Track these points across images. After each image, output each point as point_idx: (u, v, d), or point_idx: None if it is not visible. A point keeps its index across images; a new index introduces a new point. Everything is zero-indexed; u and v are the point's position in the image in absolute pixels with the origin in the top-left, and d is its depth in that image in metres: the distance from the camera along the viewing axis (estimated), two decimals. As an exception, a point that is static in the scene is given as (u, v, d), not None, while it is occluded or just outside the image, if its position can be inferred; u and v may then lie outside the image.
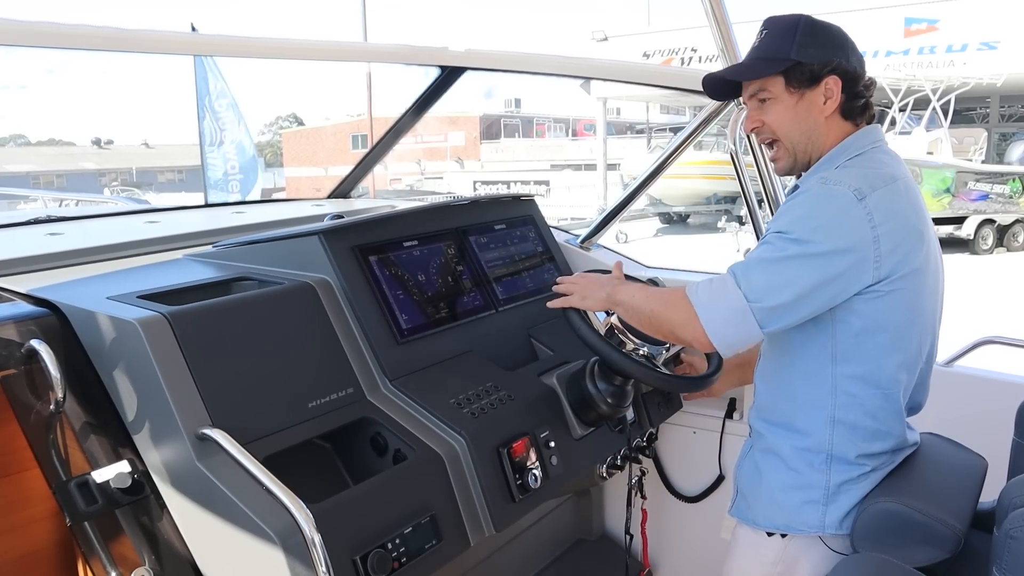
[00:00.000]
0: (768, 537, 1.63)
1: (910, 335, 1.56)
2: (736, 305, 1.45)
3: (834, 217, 1.46)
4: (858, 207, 1.45)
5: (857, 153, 1.58)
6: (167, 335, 1.46)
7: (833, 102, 1.57)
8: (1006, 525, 1.25)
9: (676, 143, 2.52)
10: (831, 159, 1.59)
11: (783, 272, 1.45)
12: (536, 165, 30.59)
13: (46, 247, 2.03)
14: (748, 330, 1.46)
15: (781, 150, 1.63)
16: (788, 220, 1.49)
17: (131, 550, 1.45)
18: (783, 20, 1.60)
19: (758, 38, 1.62)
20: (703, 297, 1.49)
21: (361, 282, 1.81)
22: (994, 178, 15.78)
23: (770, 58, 1.58)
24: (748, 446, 1.74)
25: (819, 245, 1.44)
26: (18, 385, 1.46)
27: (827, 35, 1.58)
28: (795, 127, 1.60)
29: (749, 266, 1.48)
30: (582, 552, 2.52)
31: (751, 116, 1.64)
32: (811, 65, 1.55)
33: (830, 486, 1.57)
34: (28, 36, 1.80)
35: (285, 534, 1.31)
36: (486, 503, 1.64)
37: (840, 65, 1.56)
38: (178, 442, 1.41)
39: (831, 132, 1.60)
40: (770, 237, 1.50)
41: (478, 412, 1.72)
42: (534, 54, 2.67)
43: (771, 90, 1.59)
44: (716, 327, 1.47)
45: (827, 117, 1.58)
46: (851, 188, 1.47)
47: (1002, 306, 9.53)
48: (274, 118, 60.30)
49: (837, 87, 1.56)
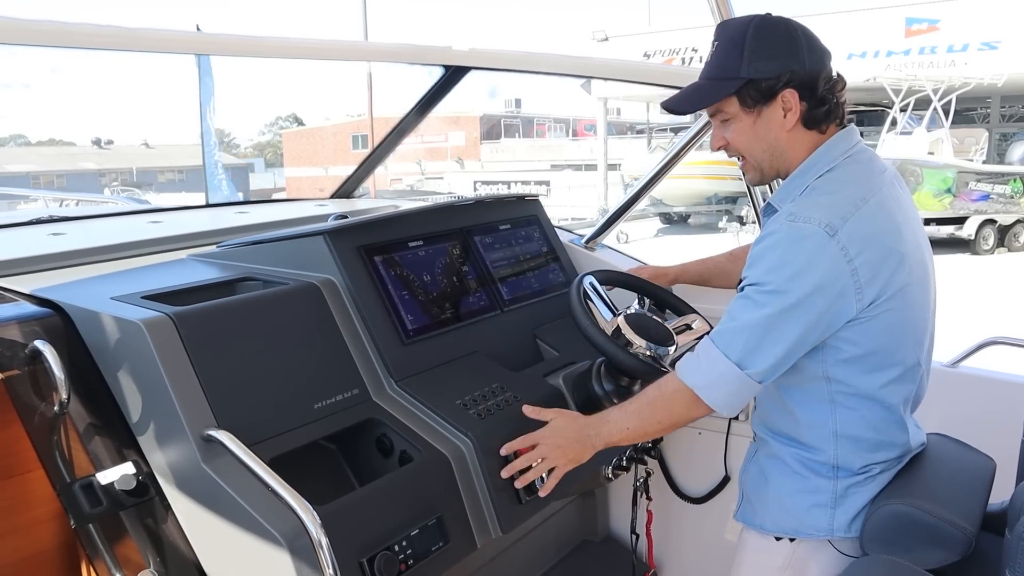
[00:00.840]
0: (776, 541, 1.61)
1: (903, 350, 1.53)
2: (731, 376, 1.44)
3: (808, 260, 1.41)
4: (831, 244, 1.40)
5: (829, 167, 1.52)
6: (172, 336, 1.45)
7: (793, 114, 1.50)
8: (1019, 527, 1.24)
9: (680, 144, 2.51)
10: (802, 174, 1.54)
11: (769, 332, 1.42)
12: (536, 165, 30.59)
13: (49, 247, 2.02)
14: (749, 391, 1.46)
15: (748, 165, 1.60)
16: (762, 270, 1.44)
17: (136, 552, 1.44)
18: (731, 28, 1.53)
19: (711, 50, 1.55)
20: (699, 379, 1.47)
21: (366, 282, 1.80)
22: (995, 178, 15.77)
23: (720, 78, 1.52)
24: (753, 450, 1.73)
25: (797, 293, 1.40)
26: (22, 386, 1.45)
27: (778, 42, 1.49)
28: (756, 145, 1.55)
29: (734, 333, 1.44)
30: (587, 553, 2.51)
31: (715, 135, 1.60)
32: (763, 81, 1.48)
33: (837, 490, 1.55)
34: (32, 35, 1.79)
35: (292, 536, 1.30)
36: (492, 505, 1.63)
37: (795, 75, 1.48)
38: (183, 443, 1.41)
39: (795, 144, 1.54)
40: (748, 291, 1.45)
41: (484, 413, 1.72)
42: (538, 53, 2.66)
43: (727, 110, 1.54)
44: (720, 401, 1.47)
45: (789, 131, 1.52)
46: (821, 225, 1.41)
47: (1003, 306, 9.53)
48: (274, 118, 60.37)
49: (794, 99, 1.49)
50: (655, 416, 1.55)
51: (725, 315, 1.48)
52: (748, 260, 1.49)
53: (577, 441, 1.60)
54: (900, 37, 17.93)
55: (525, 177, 26.97)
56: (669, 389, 1.52)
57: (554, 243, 2.43)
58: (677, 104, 1.59)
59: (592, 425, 1.61)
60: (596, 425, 1.60)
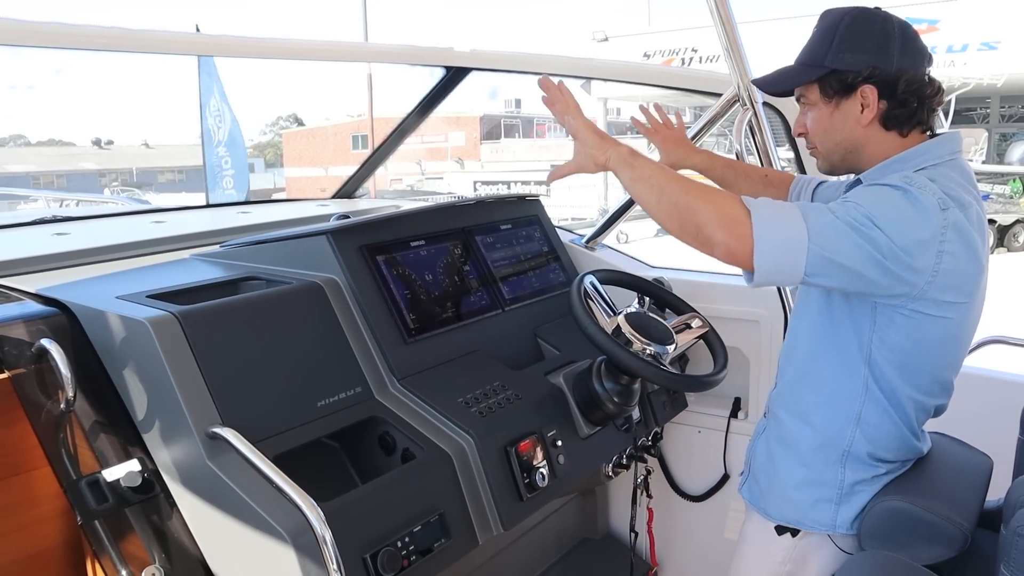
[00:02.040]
0: (778, 536, 1.63)
1: (946, 368, 1.53)
2: (796, 237, 1.31)
3: (910, 217, 1.35)
4: (936, 217, 1.36)
5: (933, 163, 1.47)
6: (177, 334, 1.46)
7: (870, 111, 1.48)
8: (1013, 523, 1.25)
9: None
10: (901, 161, 1.48)
11: (851, 238, 1.32)
12: (536, 165, 30.57)
13: (53, 247, 2.03)
14: (793, 266, 1.33)
15: (818, 153, 1.59)
16: (871, 203, 1.35)
17: (141, 548, 1.46)
18: (831, 16, 1.51)
19: (812, 32, 1.54)
20: (764, 211, 1.33)
21: (369, 282, 1.81)
22: (994, 178, 15.79)
23: (807, 64, 1.52)
24: (763, 426, 1.73)
25: (887, 236, 1.33)
26: (28, 384, 1.46)
27: (868, 36, 1.47)
28: (830, 137, 1.54)
29: (822, 211, 1.35)
30: (587, 551, 2.53)
31: (799, 120, 1.59)
32: (845, 73, 1.47)
33: (844, 485, 1.56)
34: (34, 36, 1.80)
35: (296, 532, 1.32)
36: (494, 502, 1.64)
37: (878, 72, 1.45)
38: (188, 441, 1.42)
39: (871, 141, 1.51)
40: (852, 204, 1.36)
41: (485, 411, 1.73)
42: (539, 54, 2.68)
43: (808, 97, 1.54)
44: (765, 247, 1.32)
45: (865, 127, 1.50)
46: (935, 196, 1.37)
47: (1003, 306, 9.54)
48: (274, 118, 60.39)
49: (874, 96, 1.47)
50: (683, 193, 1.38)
51: None
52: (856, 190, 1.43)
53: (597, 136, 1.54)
54: (900, 37, 17.91)
55: (525, 177, 26.93)
56: (724, 195, 1.38)
57: (555, 243, 2.44)
58: (767, 84, 1.60)
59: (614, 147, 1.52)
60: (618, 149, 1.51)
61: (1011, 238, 15.60)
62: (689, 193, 1.38)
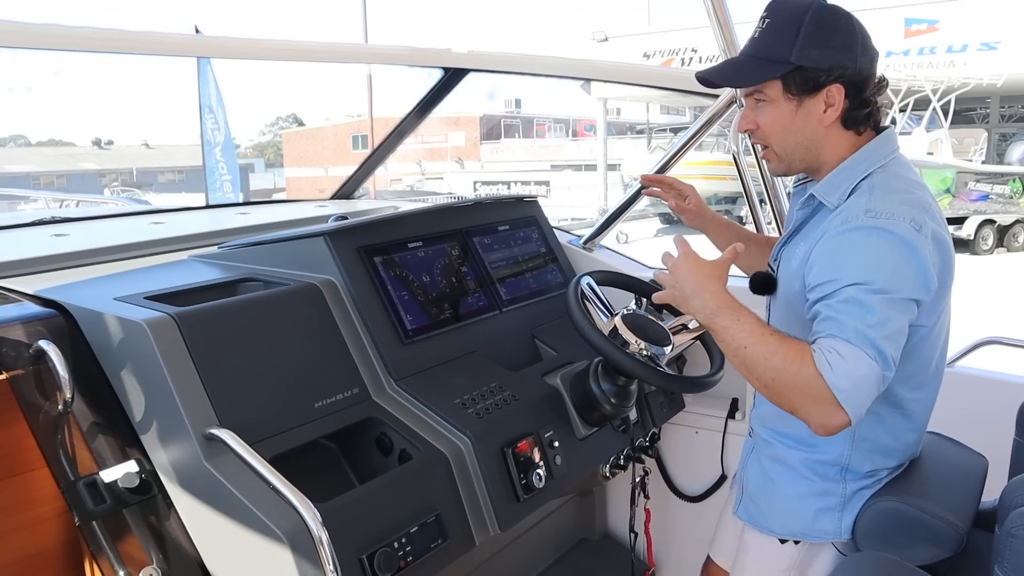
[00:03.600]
0: (781, 544, 1.62)
1: (936, 361, 1.53)
2: (874, 380, 1.30)
3: (904, 256, 1.35)
4: (920, 240, 1.36)
5: (879, 165, 1.46)
6: (174, 336, 1.47)
7: (835, 111, 1.44)
8: (1007, 524, 1.26)
9: (679, 145, 2.53)
10: (848, 169, 1.47)
11: (893, 328, 1.33)
12: (536, 165, 30.60)
13: (52, 248, 2.03)
14: (875, 394, 1.32)
15: (772, 154, 1.53)
16: (861, 269, 1.34)
17: (139, 549, 1.46)
18: (789, 8, 1.45)
19: (759, 27, 1.47)
20: (844, 383, 1.28)
21: (366, 283, 1.82)
22: (994, 178, 15.79)
23: (767, 59, 1.44)
24: (750, 446, 1.73)
25: (902, 290, 1.34)
26: (26, 385, 1.47)
27: (835, 33, 1.42)
28: (789, 136, 1.48)
29: (872, 336, 1.30)
30: (585, 551, 2.53)
31: (746, 116, 1.52)
32: (813, 71, 1.41)
33: (847, 493, 1.56)
34: (32, 38, 1.81)
35: (293, 533, 1.32)
36: (491, 502, 1.65)
37: (846, 72, 1.42)
38: (186, 442, 1.42)
39: (830, 142, 1.48)
40: (852, 292, 1.33)
41: (483, 412, 1.73)
42: (537, 55, 2.68)
43: (767, 93, 1.47)
44: (855, 409, 1.30)
45: (827, 127, 1.46)
46: (907, 220, 1.36)
47: (1002, 306, 9.54)
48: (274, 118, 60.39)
49: (840, 95, 1.43)
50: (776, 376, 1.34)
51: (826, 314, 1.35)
52: (824, 259, 1.39)
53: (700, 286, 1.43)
54: (899, 37, 17.93)
55: (525, 177, 26.98)
56: (808, 374, 1.31)
57: (552, 244, 2.45)
58: (716, 76, 1.52)
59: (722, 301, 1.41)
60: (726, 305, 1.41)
61: (1011, 238, 15.60)
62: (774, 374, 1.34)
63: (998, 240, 15.40)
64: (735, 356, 1.40)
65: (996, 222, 15.35)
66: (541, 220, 2.46)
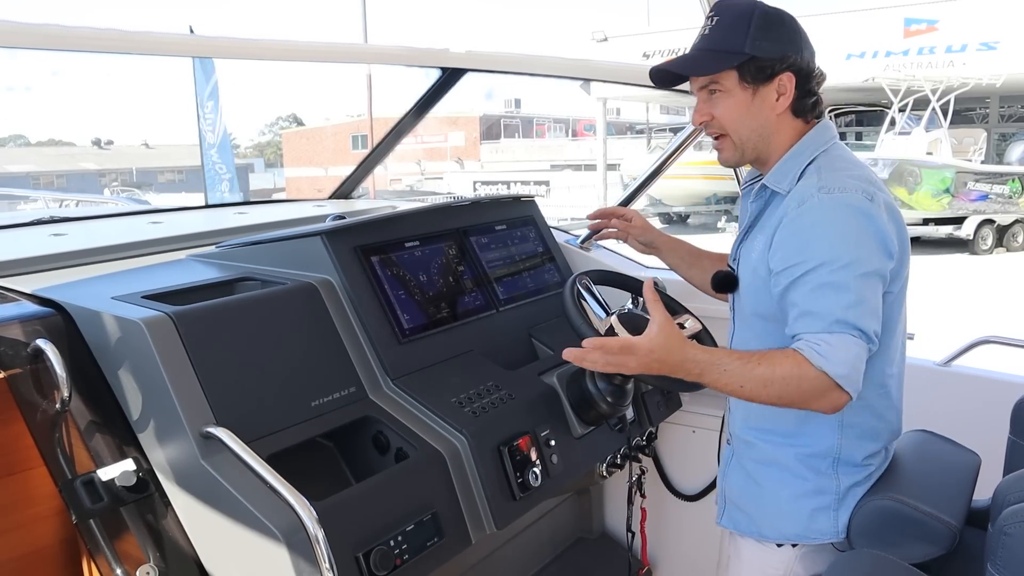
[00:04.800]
0: (777, 548, 1.61)
1: (901, 333, 1.58)
2: (863, 356, 1.39)
3: (862, 226, 1.42)
4: (874, 208, 1.44)
5: (823, 150, 1.55)
6: (172, 335, 1.47)
7: (786, 99, 1.53)
8: (1000, 522, 1.26)
9: (676, 144, 2.53)
10: (794, 156, 1.55)
11: (868, 300, 1.40)
12: (536, 165, 30.62)
13: (50, 247, 2.04)
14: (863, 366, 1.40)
15: (727, 143, 1.58)
16: (825, 248, 1.40)
17: (136, 547, 1.47)
18: (735, 7, 1.53)
19: (707, 24, 1.55)
20: (842, 369, 1.36)
21: (363, 282, 1.82)
22: (993, 178, 15.80)
23: (722, 51, 1.51)
24: (730, 454, 1.72)
25: (868, 259, 1.41)
26: (24, 384, 1.47)
27: (782, 28, 1.52)
28: (745, 123, 1.55)
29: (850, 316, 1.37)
30: (582, 550, 2.54)
31: (700, 109, 1.58)
32: (766, 60, 1.50)
33: (841, 490, 1.56)
34: (30, 38, 1.81)
35: (289, 531, 1.33)
36: (487, 501, 1.65)
37: (795, 61, 1.51)
38: (183, 440, 1.43)
39: (781, 129, 1.56)
40: (820, 274, 1.39)
41: (479, 411, 1.74)
42: (534, 55, 2.69)
43: (723, 84, 1.53)
44: (854, 387, 1.38)
45: (778, 115, 1.54)
46: (859, 191, 1.44)
47: (1001, 306, 9.55)
48: (274, 118, 60.40)
49: (791, 84, 1.52)
50: (781, 393, 1.39)
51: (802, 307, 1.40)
52: (787, 242, 1.45)
53: (678, 366, 1.43)
54: (899, 37, 17.94)
55: (525, 177, 27.00)
56: (810, 375, 1.36)
57: (549, 243, 2.45)
58: (675, 67, 1.57)
59: (702, 363, 1.42)
60: (706, 365, 1.42)
61: (1010, 238, 15.62)
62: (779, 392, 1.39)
63: (997, 240, 15.42)
64: (738, 395, 1.45)
65: (995, 222, 15.37)
66: (538, 219, 2.47)
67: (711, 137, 1.62)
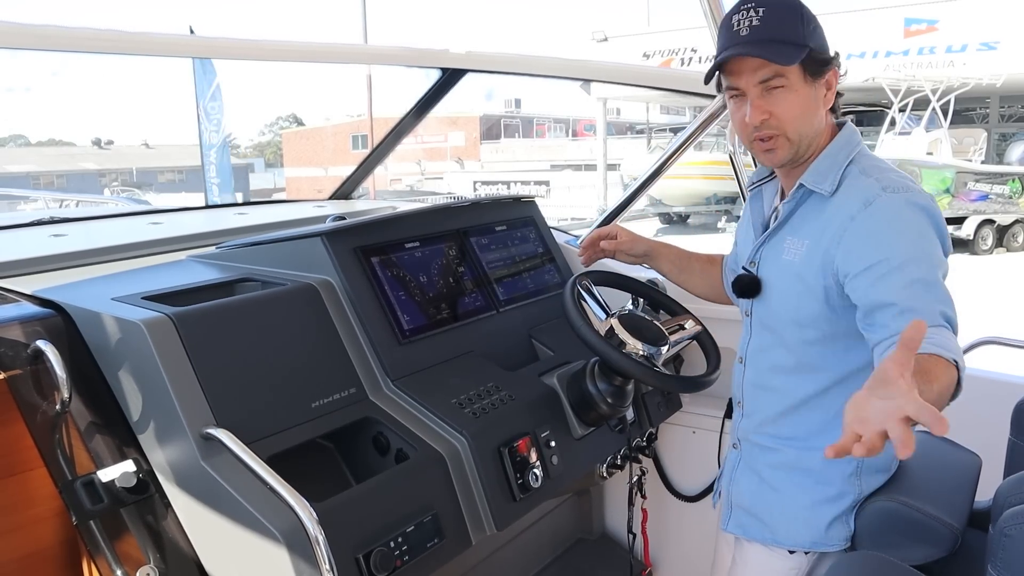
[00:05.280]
0: (788, 555, 1.60)
1: None
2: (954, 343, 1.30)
3: (931, 223, 1.42)
4: (935, 207, 1.44)
5: (857, 150, 1.52)
6: (172, 336, 1.47)
7: (831, 94, 1.50)
8: (1001, 523, 1.26)
9: (676, 144, 2.53)
10: (831, 156, 1.50)
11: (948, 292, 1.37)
12: (536, 165, 30.61)
13: (50, 248, 2.04)
14: None
15: (782, 143, 1.48)
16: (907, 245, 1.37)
17: (136, 548, 1.47)
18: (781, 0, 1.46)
19: (756, 15, 1.43)
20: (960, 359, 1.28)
21: (363, 283, 1.82)
22: (994, 178, 15.79)
23: (790, 42, 1.41)
24: (736, 458, 1.71)
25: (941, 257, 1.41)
26: (24, 385, 1.47)
27: (818, 22, 1.48)
28: (806, 121, 1.47)
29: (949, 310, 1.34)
30: (583, 551, 2.54)
31: (757, 105, 1.45)
32: (822, 54, 1.45)
33: (860, 497, 1.55)
34: (29, 39, 1.81)
35: (289, 532, 1.32)
36: (487, 502, 1.65)
37: (837, 56, 1.49)
38: (183, 442, 1.43)
39: (825, 125, 1.53)
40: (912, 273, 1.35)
41: (479, 412, 1.74)
42: (534, 56, 2.69)
43: (788, 78, 1.43)
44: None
45: (825, 112, 1.51)
46: (919, 191, 1.43)
47: (1001, 307, 9.54)
48: (274, 118, 60.39)
49: (835, 79, 1.49)
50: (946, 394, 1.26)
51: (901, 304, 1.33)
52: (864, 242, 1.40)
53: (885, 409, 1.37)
54: (899, 37, 17.96)
55: (525, 177, 27.00)
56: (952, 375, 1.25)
57: (550, 244, 2.45)
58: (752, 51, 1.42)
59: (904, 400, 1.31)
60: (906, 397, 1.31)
61: (1010, 238, 15.62)
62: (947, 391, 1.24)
63: (997, 240, 15.42)
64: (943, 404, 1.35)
65: (995, 222, 15.37)
66: (539, 220, 2.47)
67: (760, 140, 1.49)
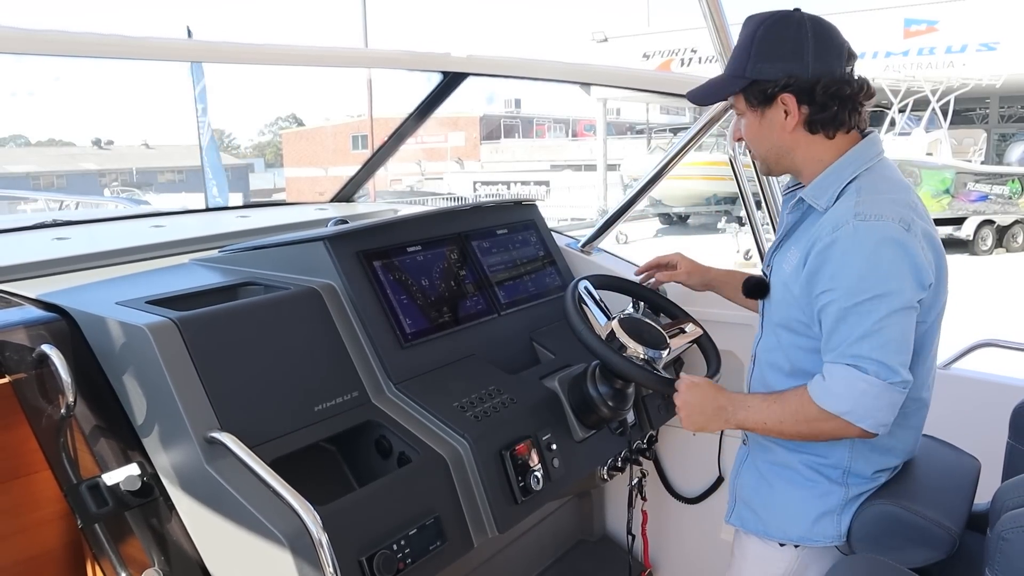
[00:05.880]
0: (780, 548, 1.63)
1: (931, 359, 1.57)
2: (876, 391, 1.40)
3: (896, 256, 1.41)
4: (909, 237, 1.42)
5: (865, 168, 1.52)
6: (176, 340, 1.48)
7: (793, 118, 1.51)
8: (998, 527, 1.27)
9: (678, 147, 2.54)
10: (835, 172, 1.52)
11: (892, 334, 1.40)
12: (536, 166, 30.61)
13: (54, 252, 2.05)
14: (896, 400, 1.42)
15: (756, 157, 1.69)
16: (854, 278, 1.41)
17: (141, 551, 1.48)
18: (749, 25, 1.54)
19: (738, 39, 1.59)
20: (844, 405, 1.41)
21: (366, 287, 1.83)
22: (993, 179, 15.78)
23: (731, 75, 1.56)
24: (745, 453, 1.74)
25: (902, 293, 1.40)
26: (29, 389, 1.48)
27: (782, 45, 1.49)
28: (761, 143, 1.59)
29: (862, 350, 1.40)
30: (583, 553, 2.54)
31: (734, 126, 1.66)
32: (765, 83, 1.51)
33: (848, 497, 1.57)
34: (32, 44, 1.81)
35: (293, 536, 1.33)
36: (489, 505, 1.66)
37: (795, 80, 1.48)
38: (187, 445, 1.44)
39: (800, 145, 1.55)
40: (845, 306, 1.41)
41: (481, 415, 1.75)
42: (535, 60, 2.69)
43: (737, 107, 1.59)
44: (871, 421, 1.41)
45: (791, 132, 1.53)
46: (895, 220, 1.42)
47: (1001, 307, 9.55)
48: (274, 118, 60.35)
49: (793, 104, 1.50)
50: (797, 429, 1.50)
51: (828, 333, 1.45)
52: (822, 268, 1.45)
53: (714, 413, 1.58)
54: (899, 38, 17.96)
55: (525, 177, 26.99)
56: (811, 411, 1.45)
57: (551, 247, 2.46)
58: (697, 96, 1.66)
59: (732, 405, 1.57)
60: (735, 407, 1.56)
61: (1010, 238, 15.60)
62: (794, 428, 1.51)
63: (997, 240, 15.41)
64: (765, 433, 1.57)
65: (995, 222, 15.35)
66: (539, 223, 2.48)
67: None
